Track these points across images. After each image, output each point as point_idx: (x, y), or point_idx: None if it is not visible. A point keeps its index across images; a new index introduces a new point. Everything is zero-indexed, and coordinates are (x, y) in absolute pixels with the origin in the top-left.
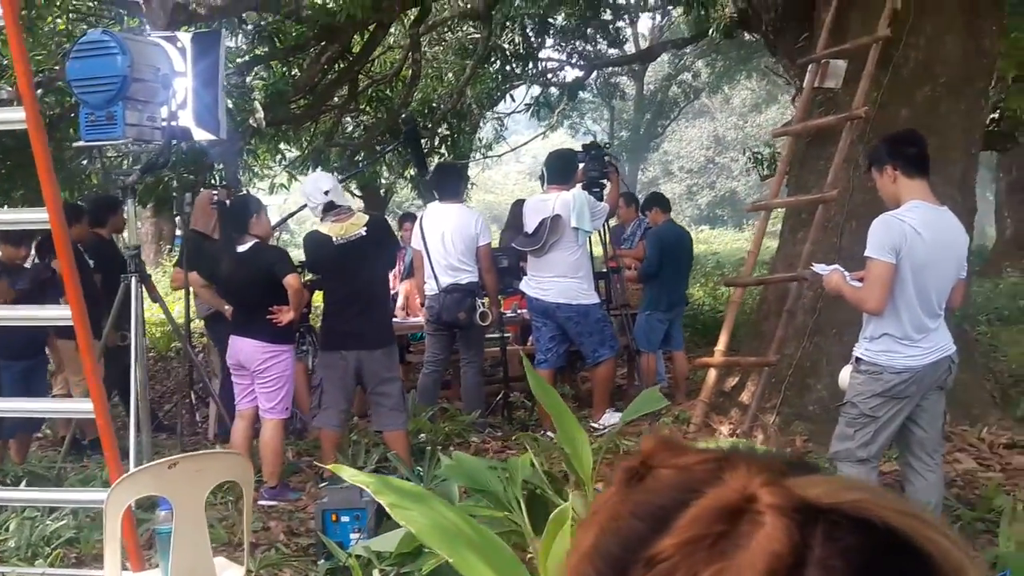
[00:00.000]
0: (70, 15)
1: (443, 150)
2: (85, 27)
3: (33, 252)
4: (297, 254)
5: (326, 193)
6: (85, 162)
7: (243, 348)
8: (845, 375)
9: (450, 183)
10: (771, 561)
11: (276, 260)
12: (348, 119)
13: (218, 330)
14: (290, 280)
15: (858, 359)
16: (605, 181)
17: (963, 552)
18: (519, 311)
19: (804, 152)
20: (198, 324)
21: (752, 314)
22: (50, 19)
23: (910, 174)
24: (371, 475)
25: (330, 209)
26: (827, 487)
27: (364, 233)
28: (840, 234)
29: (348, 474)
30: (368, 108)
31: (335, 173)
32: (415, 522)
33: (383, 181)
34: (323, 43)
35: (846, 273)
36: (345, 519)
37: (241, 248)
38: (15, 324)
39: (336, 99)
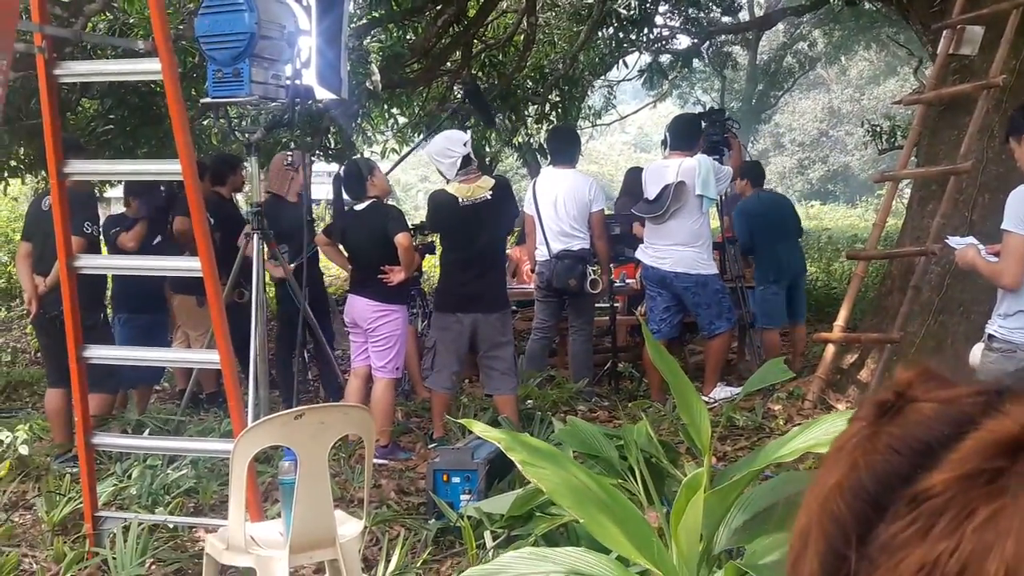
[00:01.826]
0: None
1: (553, 117)
2: None
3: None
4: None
5: (465, 144)
6: (206, 121)
7: (356, 305)
8: (977, 353)
9: (564, 147)
10: None
11: (390, 218)
12: (460, 84)
13: (286, 296)
14: (400, 239)
15: (991, 336)
16: (725, 148)
17: None
18: (627, 280)
19: (936, 122)
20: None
21: (872, 290)
22: None
23: None
24: (503, 431)
25: (466, 164)
26: None
27: (489, 197)
28: (972, 207)
29: (479, 428)
30: (481, 73)
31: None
32: (547, 480)
33: (489, 149)
34: (439, 6)
35: (981, 247)
36: (456, 480)
37: (358, 207)
38: (147, 274)
39: (449, 63)
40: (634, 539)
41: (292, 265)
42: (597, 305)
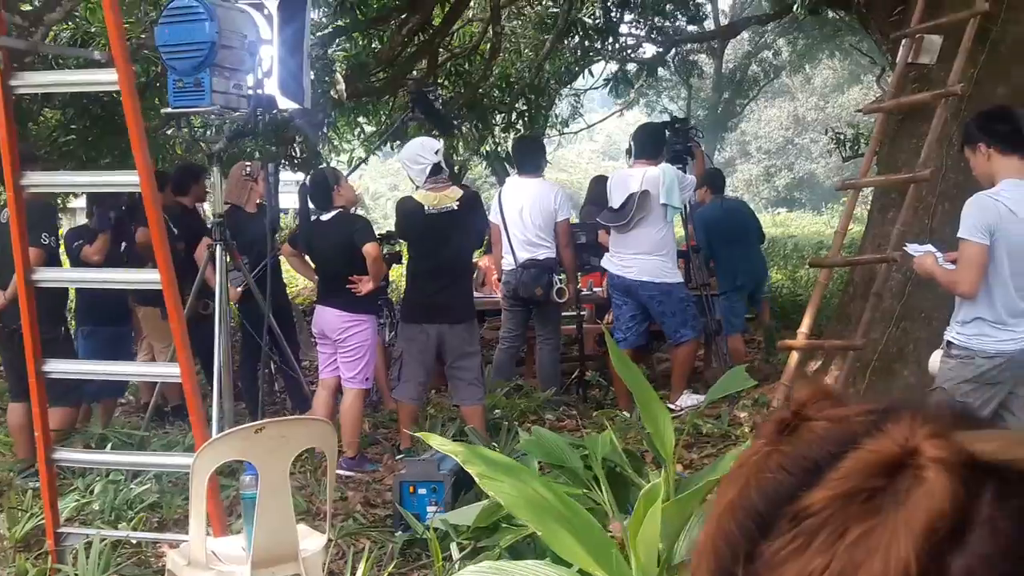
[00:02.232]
0: None
1: (520, 126)
2: None
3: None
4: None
5: (436, 152)
6: (170, 131)
7: (324, 316)
8: (935, 360)
9: (530, 157)
10: (930, 519)
11: (357, 228)
12: (427, 93)
13: (248, 309)
14: (369, 248)
15: (949, 343)
16: (688, 157)
17: None
18: (594, 289)
19: (896, 130)
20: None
21: (835, 297)
22: None
23: (1005, 151)
24: (461, 444)
25: (436, 172)
26: (1001, 442)
27: (456, 207)
28: (932, 215)
29: (437, 442)
30: (447, 82)
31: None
32: (504, 493)
33: (457, 157)
34: (404, 15)
35: (939, 255)
36: (422, 491)
37: (325, 217)
38: (105, 287)
39: (415, 72)
40: (592, 551)
41: (252, 274)
42: (564, 314)
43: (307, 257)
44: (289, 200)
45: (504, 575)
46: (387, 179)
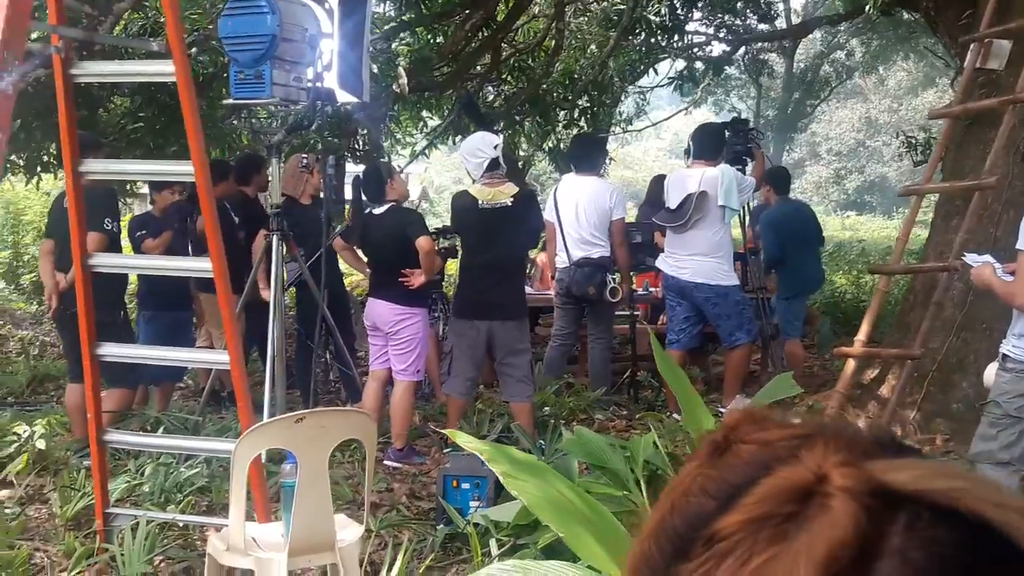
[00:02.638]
0: None
1: (583, 123)
2: None
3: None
4: (434, 222)
5: (495, 147)
6: (236, 121)
7: (377, 309)
8: (991, 373)
9: (587, 155)
10: (831, 548)
11: (410, 222)
12: (489, 88)
13: (303, 298)
14: (422, 242)
15: (1005, 356)
16: (748, 158)
17: None
18: (650, 289)
19: (962, 136)
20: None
21: (897, 304)
22: None
23: None
24: (487, 443)
25: (494, 168)
26: (916, 472)
27: (509, 203)
28: (997, 223)
29: (463, 440)
30: (509, 78)
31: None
32: (527, 493)
33: (521, 153)
34: (468, 10)
35: (997, 265)
36: (466, 486)
37: (378, 211)
38: (160, 274)
39: (478, 67)
40: (614, 553)
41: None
42: (618, 313)
43: (359, 251)
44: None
45: (526, 574)
46: (451, 172)
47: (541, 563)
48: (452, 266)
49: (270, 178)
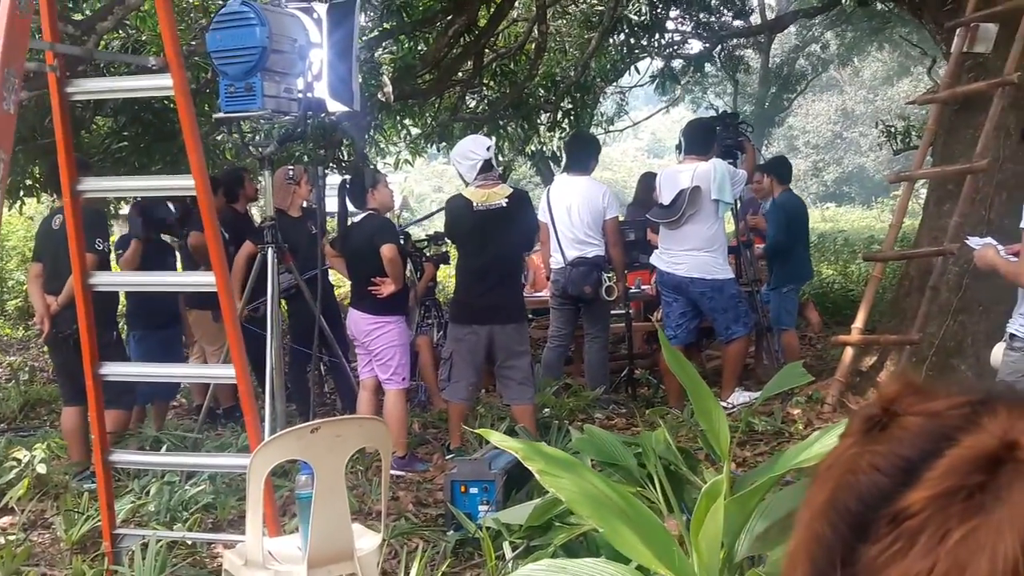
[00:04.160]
0: None
1: (565, 125)
2: (221, 1)
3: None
4: (415, 231)
5: (488, 149)
6: (220, 136)
7: (354, 319)
8: (998, 353)
9: (579, 154)
10: None
11: (377, 230)
12: (472, 94)
13: (297, 310)
14: (385, 251)
15: (1012, 335)
16: (739, 151)
17: None
18: (642, 287)
19: (951, 121)
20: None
21: (889, 291)
22: None
23: None
24: (520, 441)
25: (487, 169)
26: None
27: (504, 204)
28: (989, 206)
29: (496, 439)
30: (492, 83)
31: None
32: (565, 489)
33: (503, 157)
34: (450, 16)
35: (1000, 247)
36: (474, 490)
37: (356, 219)
38: (163, 290)
39: (461, 73)
40: (654, 548)
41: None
42: (612, 312)
43: None
44: (332, 204)
45: (562, 572)
46: (431, 181)
47: (574, 561)
48: (444, 272)
49: (260, 191)
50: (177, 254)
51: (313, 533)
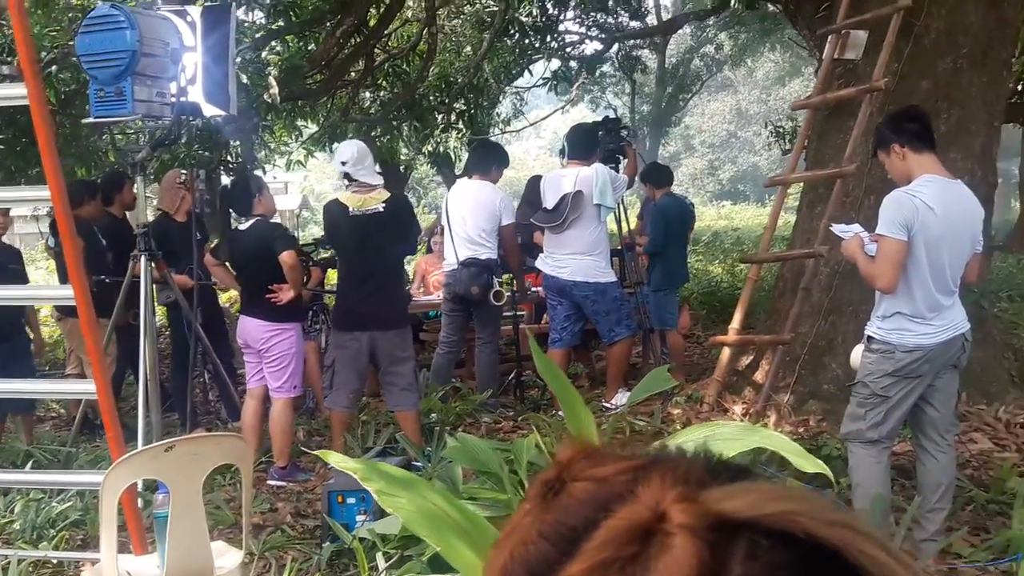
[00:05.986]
0: None
1: (460, 126)
2: (100, 1)
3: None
4: (316, 231)
5: (343, 163)
6: (100, 139)
7: (247, 327)
8: (857, 354)
9: (477, 159)
10: None
11: (276, 237)
12: (365, 94)
13: (177, 318)
14: (284, 257)
15: (870, 337)
16: (621, 156)
17: (901, 563)
18: (533, 289)
19: (823, 125)
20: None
21: (770, 292)
22: None
23: (917, 149)
24: (360, 461)
25: (350, 179)
26: (749, 498)
27: (380, 209)
28: (858, 209)
29: (335, 460)
30: (384, 83)
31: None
32: (402, 509)
33: (402, 157)
34: (339, 16)
35: (865, 236)
36: (351, 501)
37: (243, 226)
38: (15, 304)
39: (352, 74)
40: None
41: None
42: (505, 314)
43: (228, 266)
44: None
45: None
46: (332, 180)
47: None
48: (333, 277)
49: (136, 195)
50: (52, 261)
51: (170, 553)
